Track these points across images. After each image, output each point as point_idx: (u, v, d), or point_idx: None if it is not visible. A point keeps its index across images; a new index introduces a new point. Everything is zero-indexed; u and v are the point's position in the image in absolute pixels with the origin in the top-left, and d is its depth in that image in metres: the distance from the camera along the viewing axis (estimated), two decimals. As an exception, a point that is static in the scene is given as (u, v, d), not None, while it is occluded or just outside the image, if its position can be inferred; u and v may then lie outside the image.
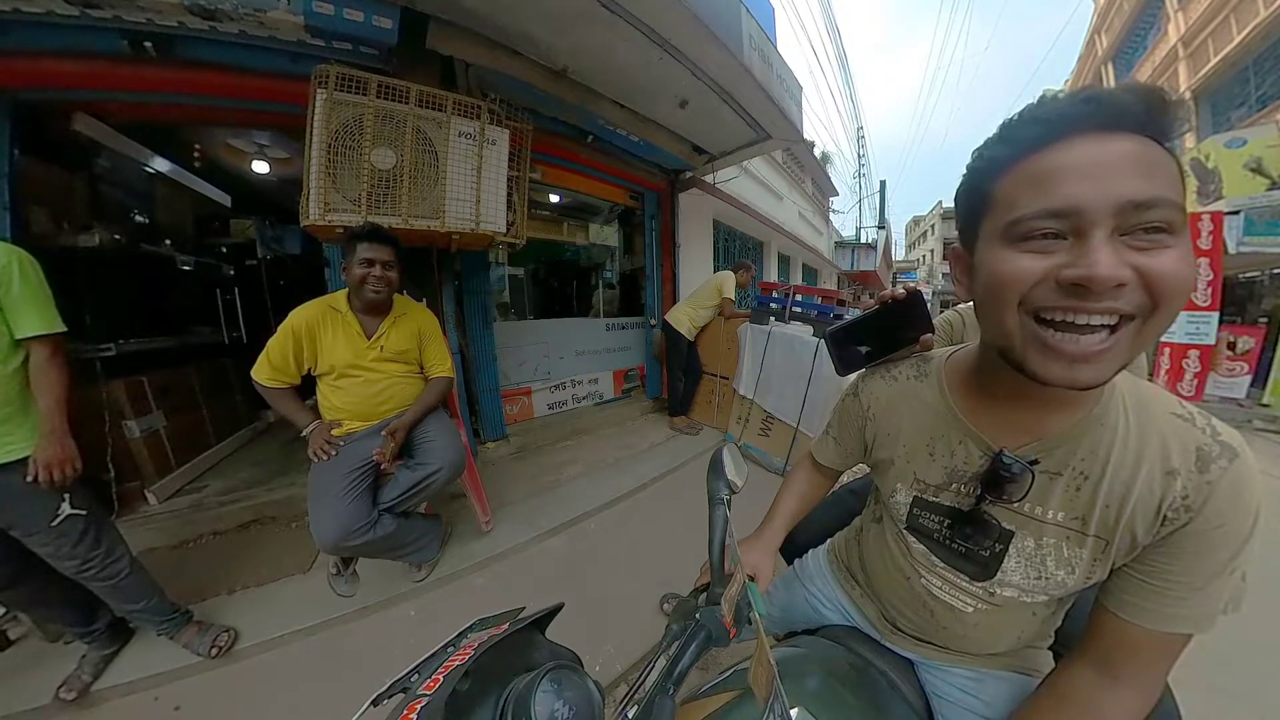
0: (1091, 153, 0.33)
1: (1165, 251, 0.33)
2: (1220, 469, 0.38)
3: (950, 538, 0.53)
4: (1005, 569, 0.49)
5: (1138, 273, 0.33)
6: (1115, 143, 0.33)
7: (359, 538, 1.29)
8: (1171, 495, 0.39)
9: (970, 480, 0.50)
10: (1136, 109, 0.33)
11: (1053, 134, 0.35)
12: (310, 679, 1.27)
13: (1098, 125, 0.34)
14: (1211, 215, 4.35)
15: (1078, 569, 0.46)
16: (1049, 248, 0.35)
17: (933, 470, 0.54)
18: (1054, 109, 0.35)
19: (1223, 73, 7.14)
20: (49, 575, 1.11)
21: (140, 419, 1.96)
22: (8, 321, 0.99)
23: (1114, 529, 0.43)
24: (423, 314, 1.57)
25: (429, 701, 0.31)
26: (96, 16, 1.45)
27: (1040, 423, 0.45)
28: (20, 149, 1.58)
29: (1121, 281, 0.33)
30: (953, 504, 0.53)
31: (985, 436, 0.49)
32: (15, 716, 1.12)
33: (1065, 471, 0.44)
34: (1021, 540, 0.48)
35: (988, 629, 0.54)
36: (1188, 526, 0.39)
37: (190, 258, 2.86)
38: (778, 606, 0.83)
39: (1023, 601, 0.51)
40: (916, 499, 0.56)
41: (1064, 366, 0.36)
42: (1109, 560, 0.44)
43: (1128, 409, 0.43)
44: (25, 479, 0.99)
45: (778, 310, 2.97)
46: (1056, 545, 0.46)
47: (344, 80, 1.52)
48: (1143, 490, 0.41)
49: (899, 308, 0.60)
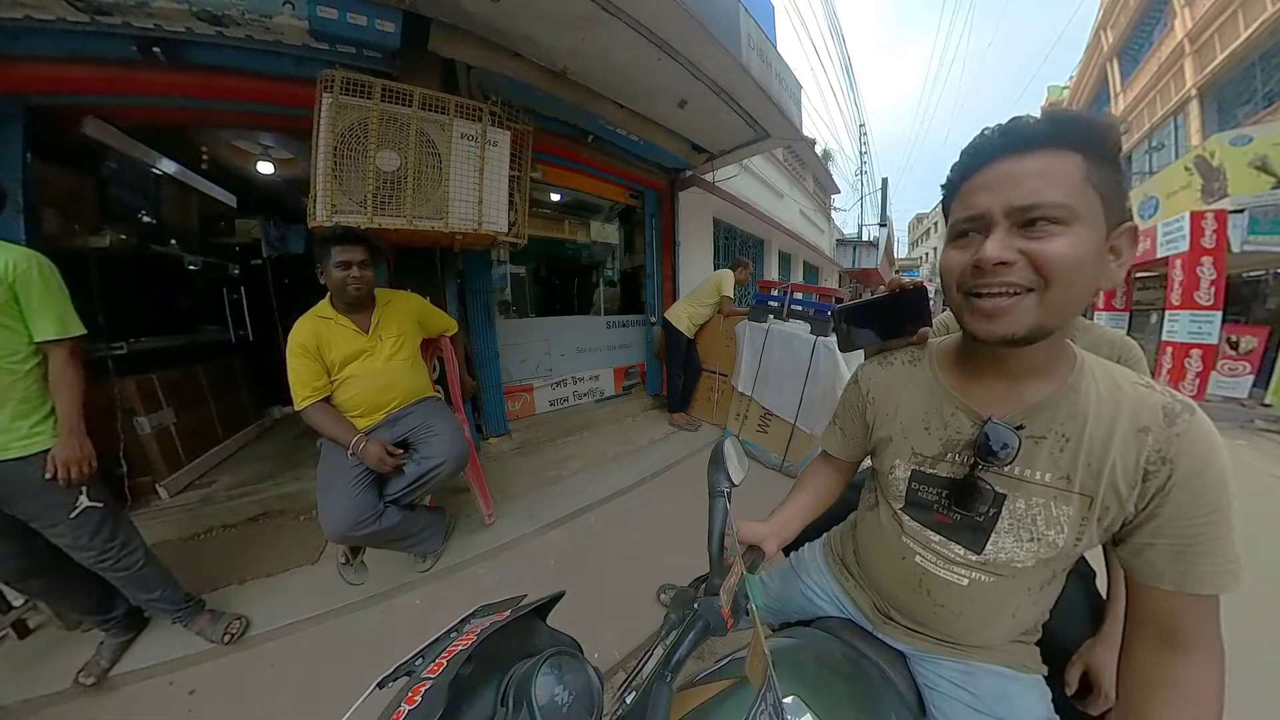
0: (999, 172, 0.45)
1: (1051, 239, 0.42)
2: (1185, 422, 0.44)
3: (947, 507, 0.56)
4: (999, 531, 0.53)
5: (1025, 255, 0.43)
6: (1024, 161, 0.43)
7: (366, 528, 1.33)
8: (1146, 449, 0.44)
9: (963, 449, 0.54)
10: (1041, 132, 0.43)
11: (979, 161, 0.46)
12: (319, 664, 1.31)
13: (1010, 150, 0.44)
14: (1216, 214, 4.32)
15: (1067, 527, 0.49)
16: (969, 243, 0.47)
17: (929, 443, 0.58)
18: (983, 141, 0.46)
19: (1229, 69, 7.06)
20: (68, 566, 1.15)
21: (151, 415, 2.01)
22: (28, 324, 1.03)
23: (1097, 484, 0.47)
24: (407, 297, 1.63)
25: (433, 684, 0.32)
26: (106, 23, 1.48)
27: (1021, 393, 0.51)
28: (33, 153, 1.62)
29: (1003, 260, 0.43)
30: (949, 474, 0.56)
31: (974, 407, 0.54)
32: (36, 700, 1.16)
33: (1049, 435, 0.49)
34: (1013, 503, 0.52)
35: (982, 606, 0.56)
36: (1172, 479, 0.43)
37: (197, 258, 2.91)
38: (774, 598, 0.86)
39: (1016, 569, 0.54)
40: (915, 472, 0.60)
41: (983, 321, 0.46)
42: (1094, 519, 0.47)
43: (1097, 381, 0.49)
44: (44, 475, 1.03)
45: (776, 308, 2.99)
46: (1045, 505, 0.50)
47: (349, 84, 1.55)
48: (1120, 446, 0.46)
49: (906, 298, 0.65)
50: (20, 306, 1.01)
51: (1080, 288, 0.43)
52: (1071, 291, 0.43)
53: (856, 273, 13.78)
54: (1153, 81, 8.72)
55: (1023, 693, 0.58)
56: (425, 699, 0.31)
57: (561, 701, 0.32)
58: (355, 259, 1.36)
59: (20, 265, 1.01)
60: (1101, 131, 0.42)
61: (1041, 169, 0.42)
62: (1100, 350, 0.97)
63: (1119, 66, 10.35)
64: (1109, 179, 0.42)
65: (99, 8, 1.43)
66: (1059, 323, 0.45)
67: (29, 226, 1.59)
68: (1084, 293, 0.43)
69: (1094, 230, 0.42)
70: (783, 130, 3.04)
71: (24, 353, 1.03)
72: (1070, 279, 0.42)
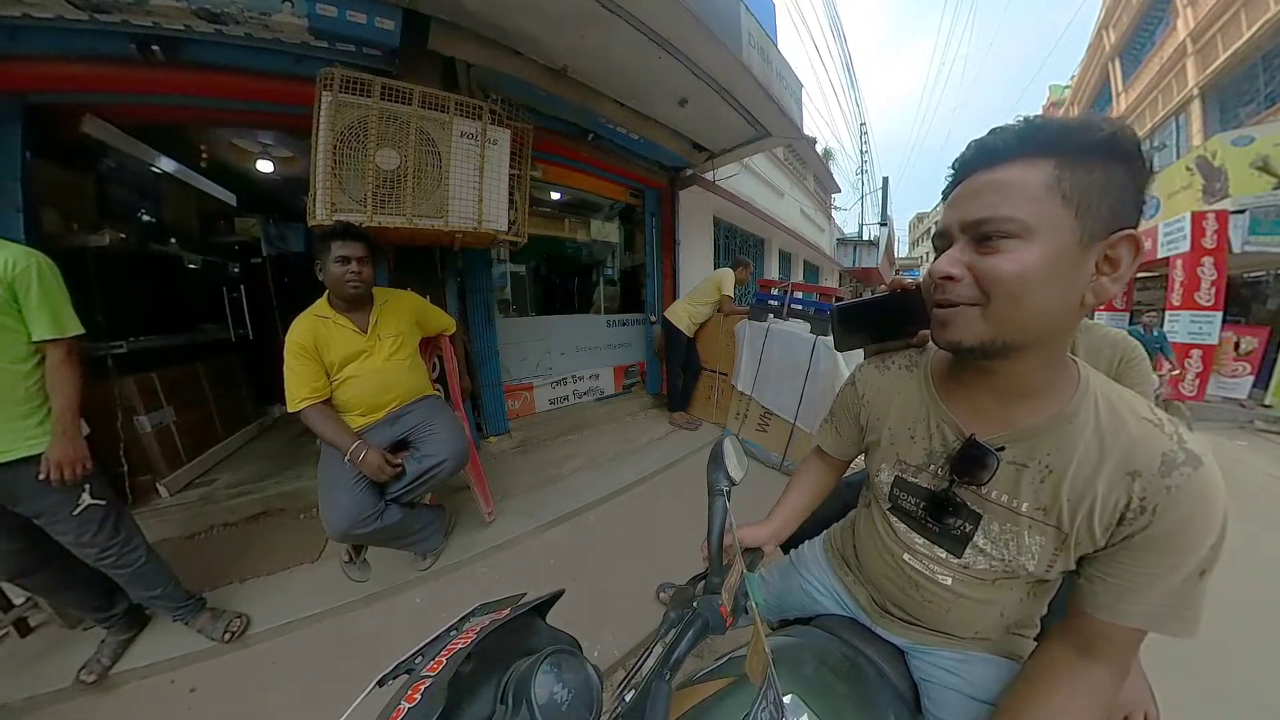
0: (966, 187, 0.45)
1: (996, 255, 0.41)
2: (1184, 475, 0.40)
3: (923, 518, 0.57)
4: (974, 547, 0.53)
5: (971, 270, 0.43)
6: (992, 174, 0.42)
7: (366, 526, 1.33)
8: (1130, 495, 0.42)
9: (945, 463, 0.54)
10: (1004, 144, 0.42)
11: (958, 177, 0.47)
12: (319, 662, 1.32)
13: (981, 164, 0.44)
14: (1217, 214, 4.32)
15: (1039, 556, 0.49)
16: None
17: (914, 452, 0.58)
18: (964, 157, 0.46)
19: (1231, 69, 7.04)
20: (69, 564, 1.15)
21: (151, 414, 2.01)
22: (26, 324, 1.03)
23: (1072, 522, 0.46)
24: (405, 295, 1.62)
25: (432, 682, 0.32)
26: (104, 21, 1.48)
27: (1010, 414, 0.50)
28: (32, 151, 1.62)
29: (948, 275, 0.44)
30: (929, 485, 0.57)
31: (959, 422, 0.54)
32: (38, 699, 1.16)
33: (1031, 464, 0.48)
34: (988, 524, 0.52)
35: (969, 602, 0.57)
36: (1148, 530, 0.41)
37: (197, 256, 2.90)
38: (773, 595, 0.86)
39: (995, 580, 0.54)
40: (898, 479, 0.60)
41: (937, 328, 0.47)
42: (1069, 552, 0.47)
43: (1099, 411, 0.46)
44: (37, 476, 1.03)
45: (776, 307, 2.99)
46: (1018, 533, 0.50)
47: (348, 83, 1.54)
48: (1103, 488, 0.43)
49: (906, 299, 0.64)
50: (19, 305, 1.01)
51: (1032, 305, 0.40)
52: (1020, 308, 0.41)
53: (857, 272, 13.76)
54: (1154, 81, 8.70)
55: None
56: (425, 697, 0.31)
57: (561, 700, 0.32)
58: (354, 255, 1.36)
59: (19, 264, 1.00)
60: (1077, 133, 0.39)
61: (1002, 181, 0.41)
62: (1103, 350, 0.97)
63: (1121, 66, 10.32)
64: (1093, 184, 0.38)
65: (97, 5, 1.43)
66: (1020, 339, 0.43)
67: (28, 225, 1.59)
68: (1040, 309, 0.41)
69: (1055, 243, 0.39)
70: (784, 129, 3.03)
71: (24, 353, 1.03)
72: (1012, 295, 0.40)
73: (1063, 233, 0.39)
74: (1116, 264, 0.40)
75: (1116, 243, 0.40)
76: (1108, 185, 0.39)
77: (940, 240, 0.47)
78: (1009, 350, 0.44)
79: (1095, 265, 0.40)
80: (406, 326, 1.54)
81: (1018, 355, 0.45)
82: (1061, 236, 0.39)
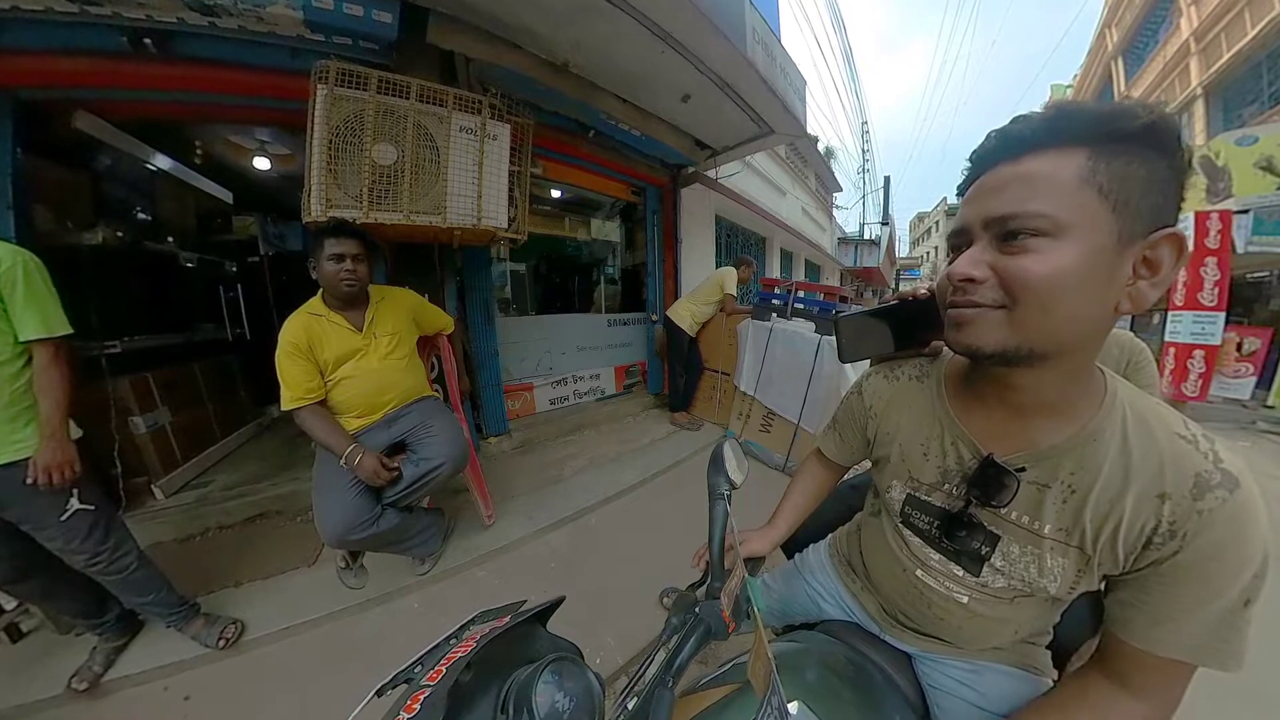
0: (989, 180, 0.41)
1: (1024, 255, 0.37)
2: (1218, 499, 0.37)
3: (938, 537, 0.54)
4: (992, 568, 0.50)
5: (995, 271, 0.39)
6: (1017, 166, 0.38)
7: (363, 531, 1.31)
8: (1159, 519, 0.39)
9: (960, 482, 0.51)
10: (1033, 132, 0.38)
11: (978, 169, 0.43)
12: (316, 670, 1.29)
13: (1006, 154, 0.40)
14: (1220, 214, 4.30)
15: (1061, 579, 0.46)
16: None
17: (926, 470, 0.55)
18: (982, 147, 0.42)
19: (1235, 68, 7.02)
20: (60, 569, 1.13)
21: (146, 415, 1.98)
22: (13, 324, 1.00)
23: (1095, 544, 0.43)
24: (402, 293, 1.60)
25: (432, 692, 0.32)
26: (96, 13, 1.45)
27: (1030, 432, 0.46)
28: (23, 148, 1.59)
29: (969, 277, 0.40)
30: (943, 505, 0.54)
31: (976, 440, 0.50)
32: (29, 706, 1.14)
33: (1054, 484, 0.44)
34: (1007, 545, 0.49)
35: (985, 619, 0.55)
36: (1178, 557, 0.38)
37: (193, 255, 2.87)
38: (777, 599, 0.84)
39: (1014, 599, 0.52)
40: (910, 496, 0.57)
41: (952, 330, 0.43)
42: (1093, 574, 0.44)
43: (1127, 427, 0.42)
44: (24, 481, 1.00)
45: (779, 307, 2.97)
46: (1040, 555, 0.47)
47: (344, 76, 1.51)
48: (1130, 508, 0.40)
49: (916, 307, 0.60)
50: (5, 305, 0.99)
51: (1063, 311, 0.37)
52: (1049, 315, 0.37)
53: (858, 271, 13.75)
54: (1157, 80, 8.68)
55: (1031, 694, 0.56)
56: (424, 707, 0.31)
57: (562, 708, 0.32)
58: (349, 252, 1.33)
59: (4, 262, 0.98)
60: (1113, 120, 0.35)
61: (1030, 173, 0.37)
62: (1110, 351, 0.95)
63: (1123, 65, 10.30)
64: (1132, 176, 0.35)
65: (88, -3, 1.40)
66: (1047, 347, 0.39)
67: (19, 223, 1.56)
68: (1072, 316, 0.37)
69: (1091, 242, 0.35)
70: (787, 126, 3.00)
71: (10, 354, 1.01)
72: (1043, 300, 0.37)
73: (1099, 231, 0.35)
74: (1157, 266, 0.37)
75: (1157, 243, 0.36)
76: (1150, 179, 0.35)
77: (957, 238, 0.43)
78: (1033, 359, 0.40)
79: (1133, 268, 0.37)
80: (403, 324, 1.51)
81: (1041, 365, 0.41)
82: (1097, 235, 0.35)
